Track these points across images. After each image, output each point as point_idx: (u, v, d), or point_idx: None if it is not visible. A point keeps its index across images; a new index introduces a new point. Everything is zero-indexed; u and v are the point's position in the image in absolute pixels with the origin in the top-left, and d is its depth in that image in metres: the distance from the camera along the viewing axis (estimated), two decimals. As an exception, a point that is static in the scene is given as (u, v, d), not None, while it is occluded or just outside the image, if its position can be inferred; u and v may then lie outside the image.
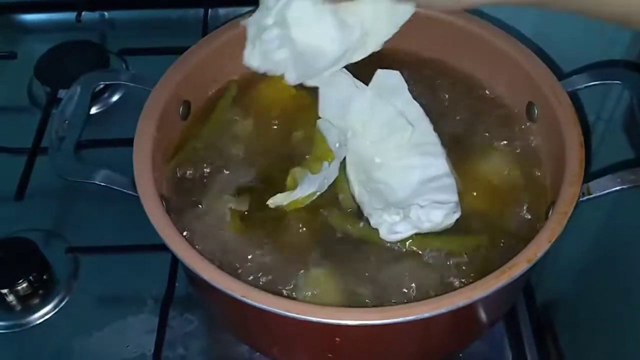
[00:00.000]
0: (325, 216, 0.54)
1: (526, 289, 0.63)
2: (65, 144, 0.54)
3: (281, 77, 0.59)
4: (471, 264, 0.51)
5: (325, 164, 0.55)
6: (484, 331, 0.57)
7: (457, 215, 0.52)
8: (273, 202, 0.54)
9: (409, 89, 0.59)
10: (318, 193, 0.55)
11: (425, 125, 0.57)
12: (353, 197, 0.55)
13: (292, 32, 0.52)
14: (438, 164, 0.55)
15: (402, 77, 0.59)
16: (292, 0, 0.51)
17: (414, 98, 0.59)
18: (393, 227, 0.52)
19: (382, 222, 0.52)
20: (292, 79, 0.54)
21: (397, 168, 0.56)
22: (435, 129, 0.58)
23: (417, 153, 0.56)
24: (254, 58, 0.54)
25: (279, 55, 0.52)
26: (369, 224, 0.53)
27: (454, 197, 0.53)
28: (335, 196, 0.56)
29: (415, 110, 0.58)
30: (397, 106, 0.58)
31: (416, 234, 0.52)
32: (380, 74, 0.59)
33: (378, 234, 0.52)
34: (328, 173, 0.55)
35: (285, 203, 0.54)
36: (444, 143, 0.57)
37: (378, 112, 0.57)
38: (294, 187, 0.54)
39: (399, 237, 0.52)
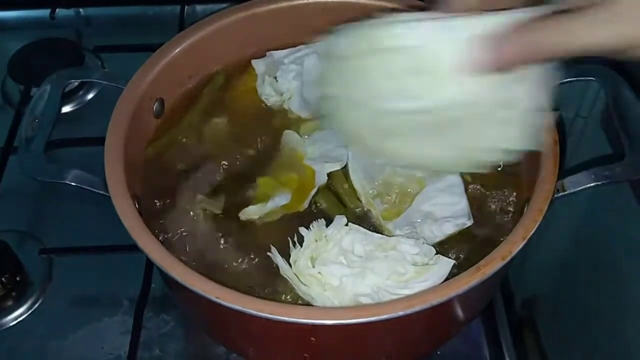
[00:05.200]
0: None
1: (503, 286, 0.63)
2: (34, 144, 0.54)
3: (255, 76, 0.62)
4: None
5: (295, 177, 0.54)
6: (461, 328, 0.57)
7: (469, 223, 0.51)
8: (244, 214, 0.53)
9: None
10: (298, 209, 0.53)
11: None
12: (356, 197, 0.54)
13: (304, 74, 0.60)
14: None
15: None
16: (311, 55, 0.61)
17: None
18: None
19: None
20: (294, 106, 0.60)
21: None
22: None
23: None
24: (264, 88, 0.61)
25: (292, 84, 0.60)
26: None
27: (463, 201, 0.52)
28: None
29: None
30: None
31: None
32: None
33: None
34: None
35: (256, 217, 0.53)
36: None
37: None
38: (266, 200, 0.53)
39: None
